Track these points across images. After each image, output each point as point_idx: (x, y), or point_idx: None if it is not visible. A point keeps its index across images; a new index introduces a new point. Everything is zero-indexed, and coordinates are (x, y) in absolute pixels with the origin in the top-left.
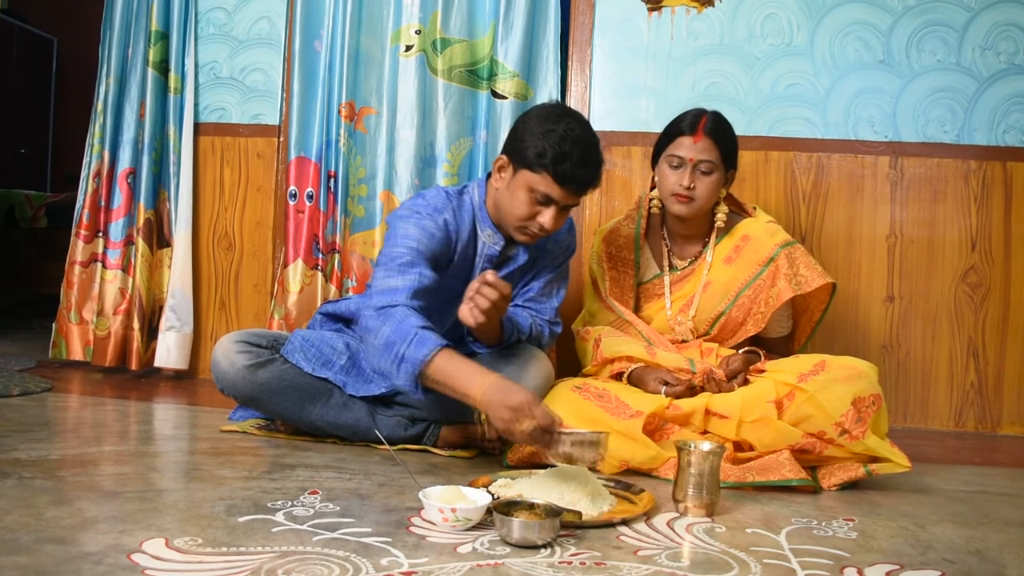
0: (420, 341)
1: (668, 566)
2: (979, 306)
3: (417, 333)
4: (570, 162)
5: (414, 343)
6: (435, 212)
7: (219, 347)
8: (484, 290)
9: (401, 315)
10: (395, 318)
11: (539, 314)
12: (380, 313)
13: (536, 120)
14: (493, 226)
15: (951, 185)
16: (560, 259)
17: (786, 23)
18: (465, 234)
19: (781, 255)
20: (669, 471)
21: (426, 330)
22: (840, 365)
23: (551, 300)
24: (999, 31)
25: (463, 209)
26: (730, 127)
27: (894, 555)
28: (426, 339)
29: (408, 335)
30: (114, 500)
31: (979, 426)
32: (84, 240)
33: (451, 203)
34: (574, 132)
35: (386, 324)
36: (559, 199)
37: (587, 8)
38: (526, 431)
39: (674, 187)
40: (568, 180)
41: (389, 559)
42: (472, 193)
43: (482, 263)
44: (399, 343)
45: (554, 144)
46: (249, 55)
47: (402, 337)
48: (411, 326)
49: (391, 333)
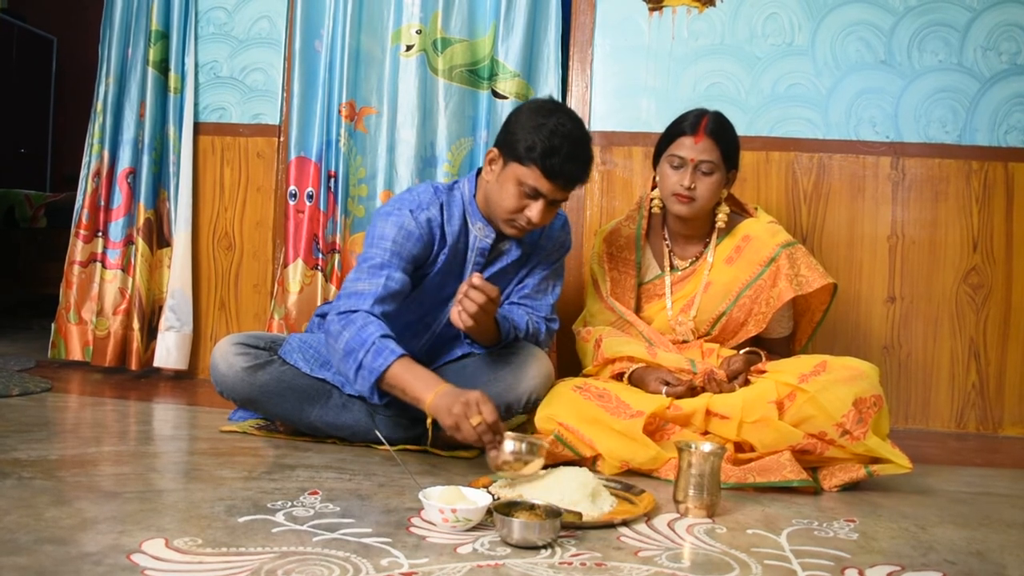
0: (378, 350)
1: (669, 567)
2: (980, 307)
3: (375, 342)
4: (559, 157)
5: (372, 352)
6: (418, 208)
7: (217, 350)
8: (471, 293)
9: (361, 322)
10: (355, 324)
11: (535, 311)
12: (342, 318)
13: (528, 114)
14: (483, 219)
15: (952, 185)
16: (554, 256)
17: (787, 23)
18: (456, 228)
19: (782, 255)
20: (670, 472)
21: (385, 339)
22: (841, 366)
23: (546, 297)
24: (1001, 31)
25: (453, 203)
26: (731, 127)
27: (895, 556)
28: (383, 348)
29: (366, 343)
30: (114, 500)
31: (980, 427)
32: (84, 240)
33: (439, 198)
34: (564, 127)
35: (346, 330)
36: (547, 193)
37: (588, 8)
38: (473, 425)
39: (675, 187)
40: (556, 174)
41: (389, 559)
42: (463, 187)
43: (474, 256)
44: (358, 350)
45: (544, 138)
46: (249, 55)
47: (360, 344)
48: (369, 334)
49: (351, 339)
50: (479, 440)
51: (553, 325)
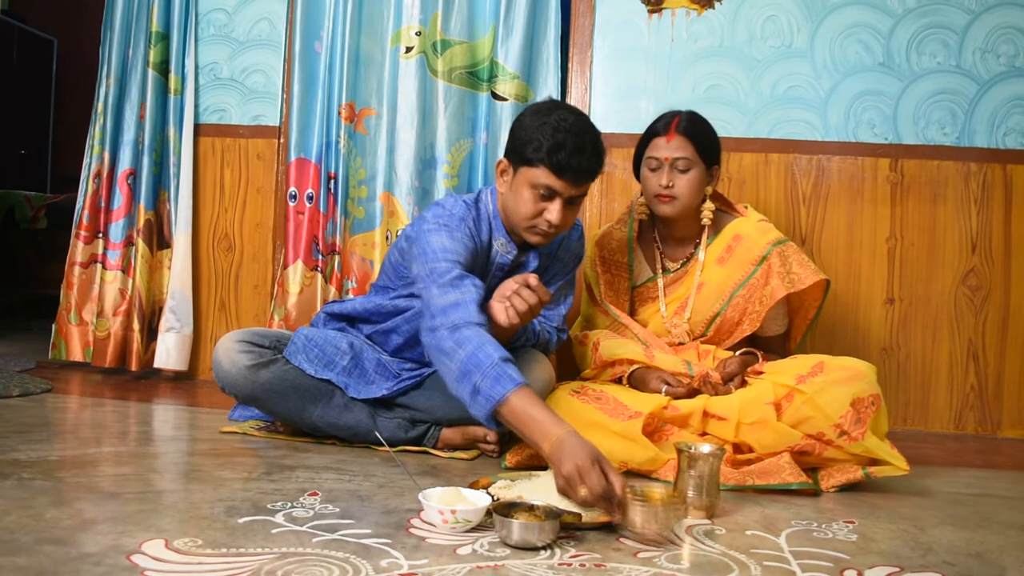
0: (497, 376)
1: (668, 568)
2: (979, 308)
3: (495, 365)
4: (565, 151)
5: (491, 377)
6: (461, 222)
7: (221, 346)
8: (523, 292)
9: (478, 340)
10: (472, 343)
11: (548, 321)
12: (454, 333)
13: (529, 116)
14: (507, 235)
15: (951, 188)
16: (570, 266)
17: (786, 25)
18: (484, 243)
19: (773, 253)
20: (669, 473)
21: (506, 363)
22: (838, 366)
23: (559, 307)
24: (999, 34)
25: (481, 219)
26: (706, 124)
27: (894, 557)
28: (503, 375)
29: (484, 365)
30: (114, 501)
31: (979, 428)
32: (84, 241)
33: (471, 212)
34: (567, 122)
35: (462, 348)
36: (561, 191)
37: (587, 10)
38: (583, 499)
39: (655, 188)
40: (565, 169)
41: (389, 560)
42: (486, 201)
43: (494, 271)
44: (475, 372)
45: (548, 135)
46: (249, 56)
47: (477, 366)
48: (488, 356)
49: (467, 360)
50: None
51: (563, 335)
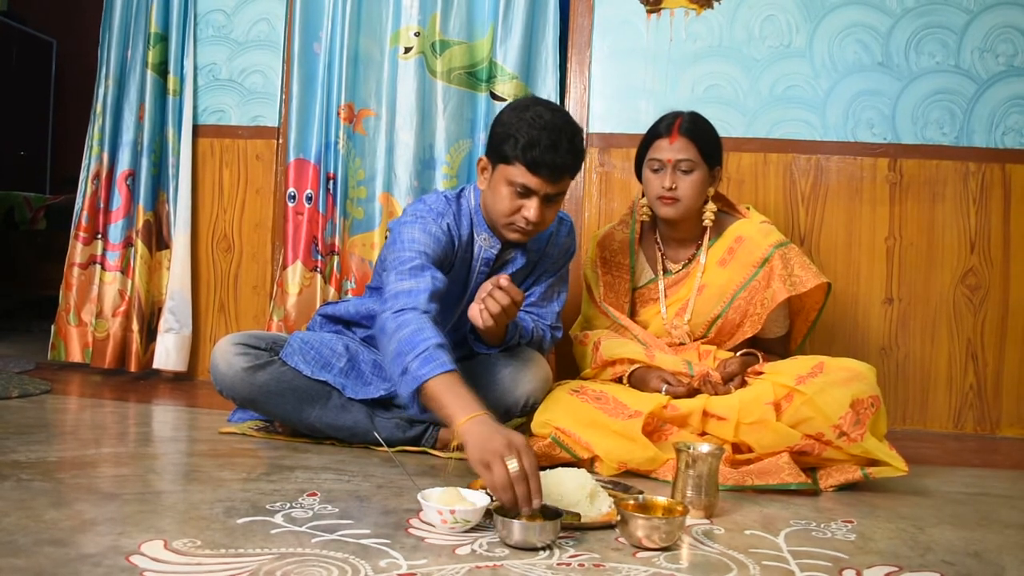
0: (427, 359)
1: (667, 567)
2: (978, 308)
3: (427, 350)
4: (539, 148)
5: (421, 358)
6: (438, 217)
7: (218, 349)
8: (496, 294)
9: (418, 324)
10: (411, 326)
11: (541, 319)
12: (397, 316)
13: (507, 112)
14: (489, 230)
15: (950, 187)
16: (560, 262)
17: (785, 25)
18: (464, 238)
19: (775, 256)
20: (668, 473)
21: (439, 349)
22: (838, 367)
23: (552, 305)
24: (998, 33)
25: (462, 214)
26: (708, 125)
27: (893, 557)
28: (433, 358)
29: (418, 348)
30: (113, 502)
31: (978, 428)
32: (83, 242)
33: (451, 207)
34: (542, 118)
35: (401, 330)
36: (536, 188)
37: (586, 10)
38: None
39: (658, 190)
40: (539, 166)
41: (388, 561)
42: (468, 197)
43: (479, 266)
44: (408, 354)
45: (523, 132)
46: (248, 57)
47: (411, 348)
48: (423, 339)
49: (404, 342)
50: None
51: (558, 333)
